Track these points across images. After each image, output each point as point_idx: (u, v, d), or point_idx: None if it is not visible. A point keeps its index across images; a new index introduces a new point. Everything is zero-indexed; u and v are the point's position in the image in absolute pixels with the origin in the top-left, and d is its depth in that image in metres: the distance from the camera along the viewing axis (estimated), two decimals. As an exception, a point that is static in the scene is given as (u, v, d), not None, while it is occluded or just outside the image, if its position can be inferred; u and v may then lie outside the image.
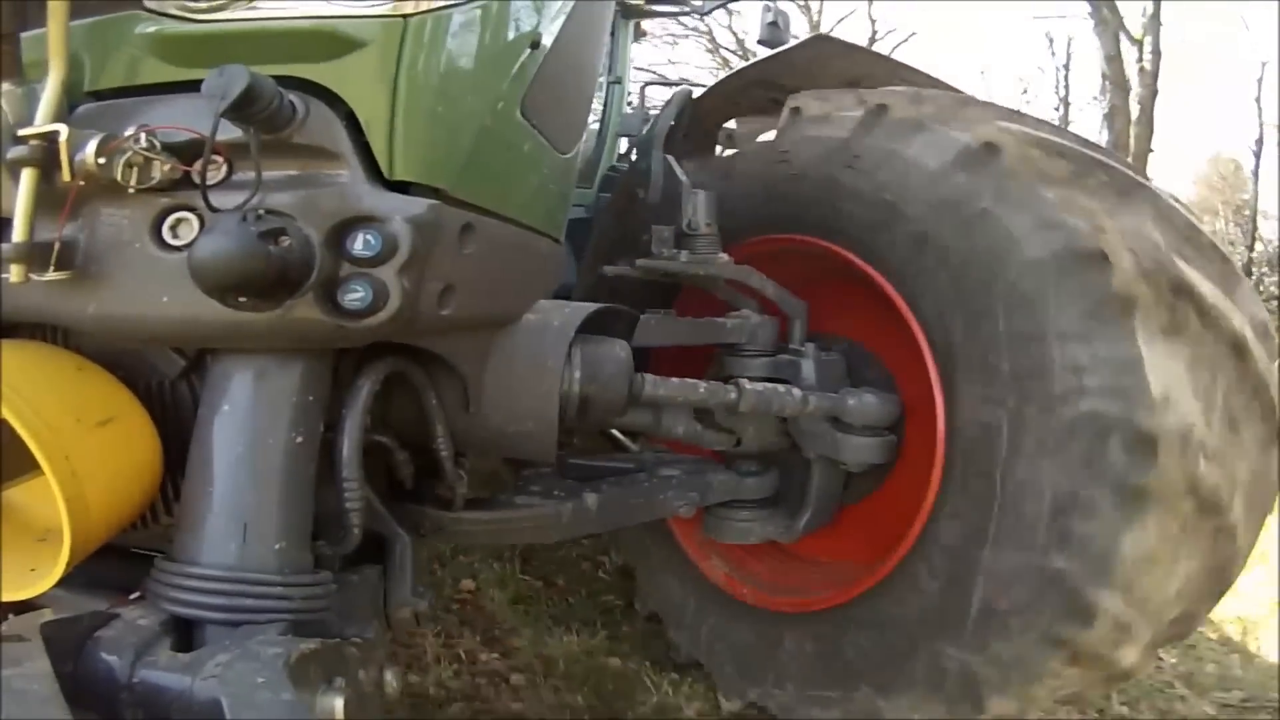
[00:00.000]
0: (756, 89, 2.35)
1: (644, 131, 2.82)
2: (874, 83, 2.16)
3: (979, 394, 1.77)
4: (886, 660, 1.90)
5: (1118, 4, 14.73)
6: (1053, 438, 1.65)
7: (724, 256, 2.11)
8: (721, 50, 16.47)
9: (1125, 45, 14.90)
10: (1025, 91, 17.84)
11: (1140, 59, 15.13)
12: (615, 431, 2.42)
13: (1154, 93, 14.89)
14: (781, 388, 2.01)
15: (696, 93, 2.63)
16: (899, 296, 1.94)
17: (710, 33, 16.44)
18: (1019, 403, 1.69)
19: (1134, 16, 15.08)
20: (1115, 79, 14.61)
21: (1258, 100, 20.36)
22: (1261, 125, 20.00)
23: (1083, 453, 1.62)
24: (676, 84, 5.27)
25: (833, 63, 2.28)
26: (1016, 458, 1.69)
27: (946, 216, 1.82)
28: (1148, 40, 15.05)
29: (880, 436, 2.06)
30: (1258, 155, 20.40)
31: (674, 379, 1.89)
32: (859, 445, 2.04)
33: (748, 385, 1.96)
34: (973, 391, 1.78)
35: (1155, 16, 15.11)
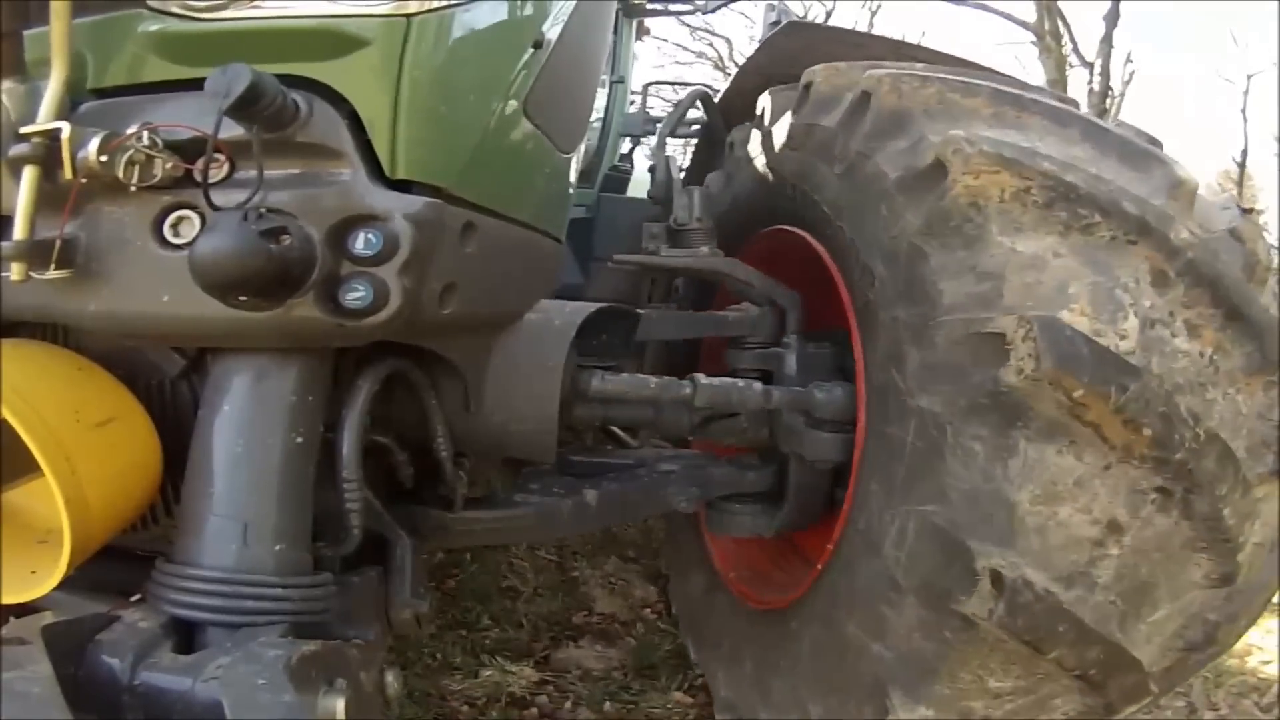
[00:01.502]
0: (774, 85, 2.35)
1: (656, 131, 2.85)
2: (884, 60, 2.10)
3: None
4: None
5: (1071, 27, 15.75)
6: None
7: (706, 250, 2.11)
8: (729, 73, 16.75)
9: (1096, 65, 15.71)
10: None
11: (1090, 80, 16.00)
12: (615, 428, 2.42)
13: (1101, 112, 15.84)
14: (741, 382, 1.93)
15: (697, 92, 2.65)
16: None
17: (719, 57, 16.70)
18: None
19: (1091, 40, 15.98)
20: (1056, 101, 15.72)
21: (1244, 112, 20.68)
22: (1246, 136, 20.40)
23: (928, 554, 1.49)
24: (679, 84, 5.28)
25: (835, 49, 2.25)
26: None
27: None
28: (1098, 63, 16.02)
29: (844, 432, 1.88)
30: (1241, 166, 20.68)
31: (624, 375, 1.85)
32: (819, 441, 1.91)
33: (703, 380, 1.89)
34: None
35: (1106, 39, 16.29)
